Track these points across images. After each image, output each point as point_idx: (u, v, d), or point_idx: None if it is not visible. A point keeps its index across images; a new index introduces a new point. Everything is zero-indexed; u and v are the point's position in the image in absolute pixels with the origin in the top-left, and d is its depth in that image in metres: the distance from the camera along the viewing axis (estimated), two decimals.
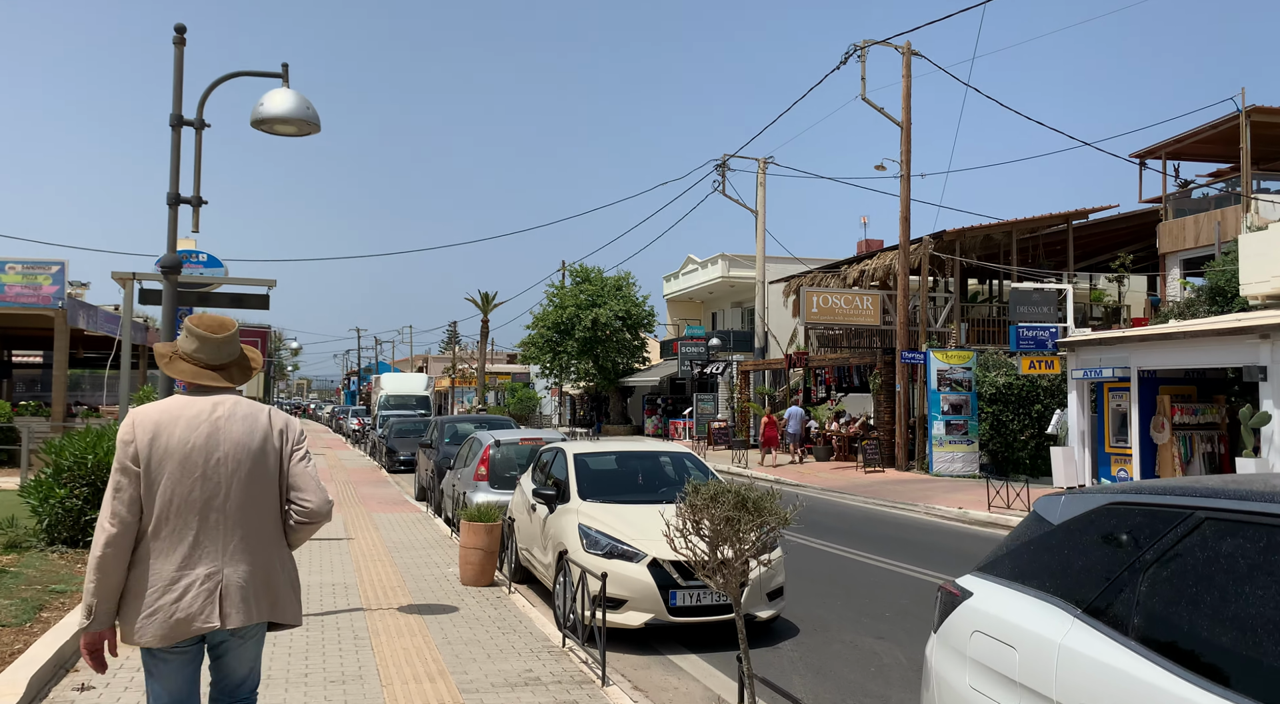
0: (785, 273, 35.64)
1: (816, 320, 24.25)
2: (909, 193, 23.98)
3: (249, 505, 3.34)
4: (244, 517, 3.33)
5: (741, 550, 3.98)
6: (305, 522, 3.42)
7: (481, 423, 18.31)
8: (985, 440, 23.37)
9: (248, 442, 3.36)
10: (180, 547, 3.23)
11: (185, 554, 3.23)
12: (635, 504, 8.02)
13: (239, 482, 3.32)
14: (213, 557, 3.26)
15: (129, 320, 10.79)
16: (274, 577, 3.39)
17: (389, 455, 25.82)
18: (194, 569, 3.23)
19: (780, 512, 4.08)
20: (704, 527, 4.08)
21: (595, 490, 8.29)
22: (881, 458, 23.89)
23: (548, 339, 46.49)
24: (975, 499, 17.56)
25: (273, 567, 3.39)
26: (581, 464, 8.68)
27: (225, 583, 3.26)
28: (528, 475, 10.13)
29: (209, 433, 3.31)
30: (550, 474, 9.18)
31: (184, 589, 3.20)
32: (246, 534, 3.33)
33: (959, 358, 23.45)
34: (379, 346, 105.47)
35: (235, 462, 3.32)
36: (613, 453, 9.21)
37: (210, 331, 3.46)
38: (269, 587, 3.37)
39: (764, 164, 34.52)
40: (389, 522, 14.06)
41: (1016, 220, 25.15)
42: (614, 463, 9.08)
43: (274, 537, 3.42)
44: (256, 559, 3.33)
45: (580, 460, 8.74)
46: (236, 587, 3.27)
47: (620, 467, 9.07)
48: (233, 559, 3.29)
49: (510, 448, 12.63)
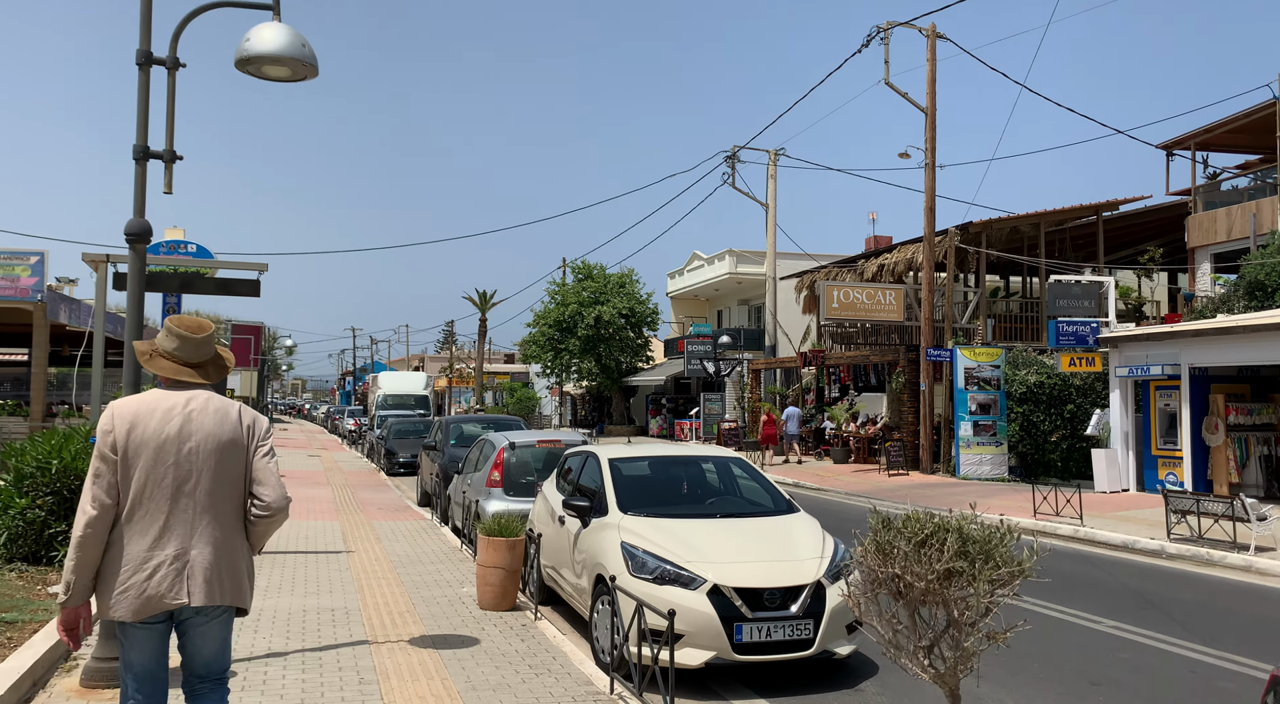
0: (795, 269, 34.52)
1: (837, 316, 23.13)
2: (934, 182, 22.88)
3: (216, 492, 3.55)
4: (212, 502, 3.54)
5: (965, 619, 2.80)
6: (263, 515, 3.59)
7: (489, 423, 17.15)
8: (1014, 442, 22.28)
9: (218, 433, 3.57)
10: (152, 528, 3.45)
11: (156, 536, 3.45)
12: (684, 519, 6.89)
13: (209, 470, 3.53)
14: (181, 538, 3.47)
15: (102, 309, 9.63)
16: (237, 561, 3.59)
17: (388, 457, 24.66)
18: (164, 549, 3.45)
19: (1014, 560, 2.91)
20: (908, 582, 2.87)
21: (636, 502, 7.15)
22: (905, 460, 22.78)
23: (549, 337, 45.33)
24: (1014, 505, 16.45)
25: (236, 551, 3.59)
26: (618, 472, 7.54)
27: (191, 563, 3.47)
28: (550, 483, 9.00)
29: (182, 424, 3.53)
30: (579, 483, 8.04)
31: (154, 568, 3.42)
32: (213, 519, 3.53)
33: (987, 355, 22.36)
34: (374, 346, 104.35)
35: (206, 452, 3.53)
36: (651, 458, 8.05)
37: (190, 332, 3.69)
38: (232, 570, 3.57)
39: (775, 156, 33.41)
40: (391, 531, 12.91)
41: (1044, 212, 24.08)
42: (653, 469, 7.94)
43: (238, 524, 3.63)
44: (221, 542, 3.53)
45: (616, 467, 7.60)
46: (202, 567, 3.47)
47: (661, 474, 7.92)
48: (199, 541, 3.49)
49: (526, 451, 11.49)
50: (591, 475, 7.86)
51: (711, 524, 6.78)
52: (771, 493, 7.55)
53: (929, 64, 23.03)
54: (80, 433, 8.95)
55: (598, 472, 7.66)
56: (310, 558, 10.42)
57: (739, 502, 7.55)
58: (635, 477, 7.62)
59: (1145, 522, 14.42)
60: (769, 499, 7.48)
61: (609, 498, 7.17)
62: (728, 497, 7.68)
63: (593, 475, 7.81)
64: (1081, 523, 13.99)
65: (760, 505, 7.41)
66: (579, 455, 8.50)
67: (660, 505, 7.27)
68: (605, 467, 7.57)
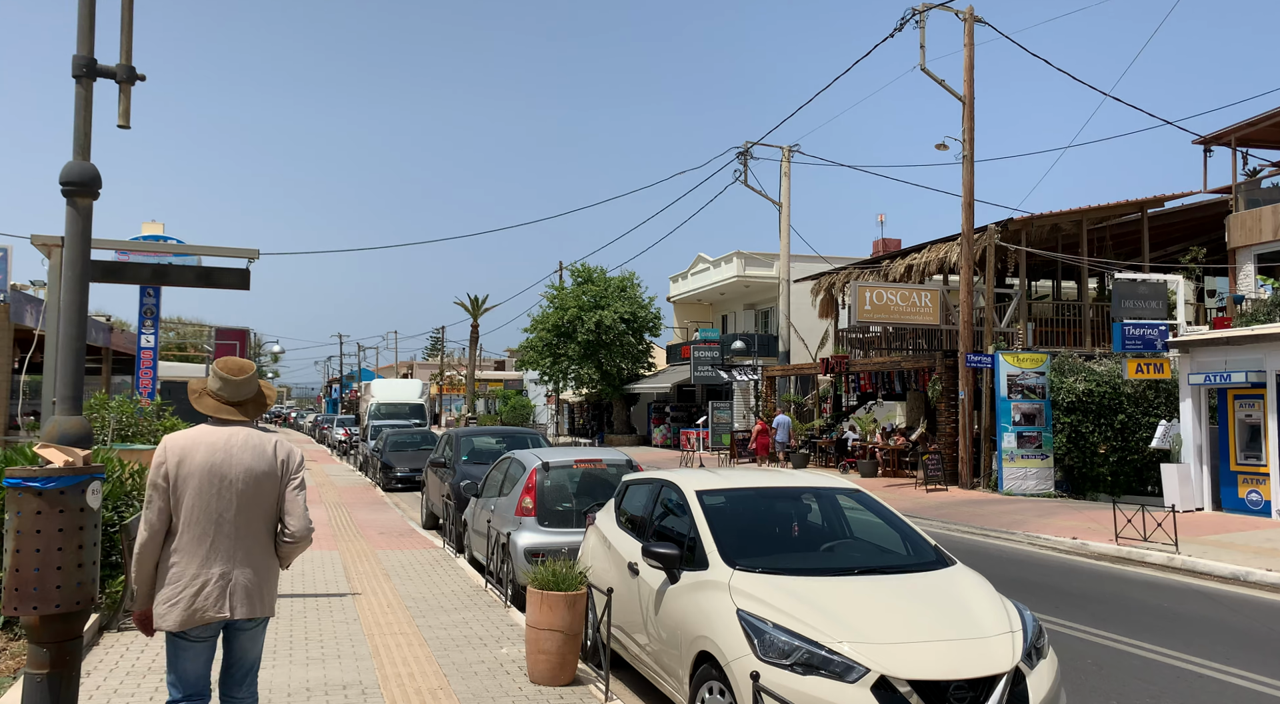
0: (807, 272, 32.95)
1: (870, 319, 21.54)
2: (972, 176, 21.36)
3: (253, 519, 4.03)
4: (250, 527, 4.03)
5: None
6: (289, 542, 4.10)
7: (503, 437, 15.46)
8: (1060, 455, 20.73)
9: (254, 467, 4.03)
10: (200, 550, 3.92)
11: (204, 556, 3.92)
12: (813, 576, 5.23)
13: (246, 499, 4.01)
14: (226, 560, 3.96)
15: (56, 303, 7.93)
16: (271, 577, 4.11)
17: (384, 472, 22.90)
18: (210, 569, 3.93)
19: None
20: None
21: (744, 550, 5.49)
22: (944, 474, 21.19)
23: (547, 343, 43.62)
24: (1081, 527, 14.88)
25: (270, 569, 4.11)
26: (712, 509, 5.87)
27: (234, 582, 3.95)
28: (607, 517, 7.34)
29: (224, 458, 3.98)
30: (657, 522, 6.39)
31: (201, 585, 3.90)
32: (252, 542, 4.03)
33: (1031, 361, 20.82)
34: (362, 352, 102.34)
35: (243, 483, 4.00)
36: (749, 490, 6.33)
37: (231, 374, 4.14)
38: (268, 586, 4.08)
39: (788, 152, 31.87)
40: (400, 563, 11.20)
41: (1087, 208, 22.60)
42: (755, 505, 6.26)
43: (270, 545, 4.12)
44: (258, 563, 4.04)
45: (708, 503, 5.93)
46: (243, 586, 3.97)
47: (765, 512, 6.25)
48: (240, 563, 3.99)
49: (562, 473, 9.83)
50: (674, 512, 6.21)
51: (852, 584, 5.12)
52: (911, 537, 5.89)
53: (966, 49, 21.54)
54: (25, 455, 7.24)
55: (684, 508, 6.00)
56: (311, 604, 8.71)
57: (872, 550, 5.89)
58: (734, 515, 5.96)
59: (1247, 548, 12.86)
60: (908, 545, 5.82)
61: (707, 545, 5.51)
62: (854, 542, 6.02)
63: (676, 513, 6.16)
64: (1176, 550, 12.39)
65: (900, 554, 5.75)
66: (648, 485, 6.85)
67: (772, 554, 5.63)
68: (695, 502, 5.92)
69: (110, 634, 7.23)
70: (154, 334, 18.58)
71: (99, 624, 7.19)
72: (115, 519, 7.76)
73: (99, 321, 23.97)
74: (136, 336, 18.86)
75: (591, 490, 9.84)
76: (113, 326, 25.68)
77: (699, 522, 5.72)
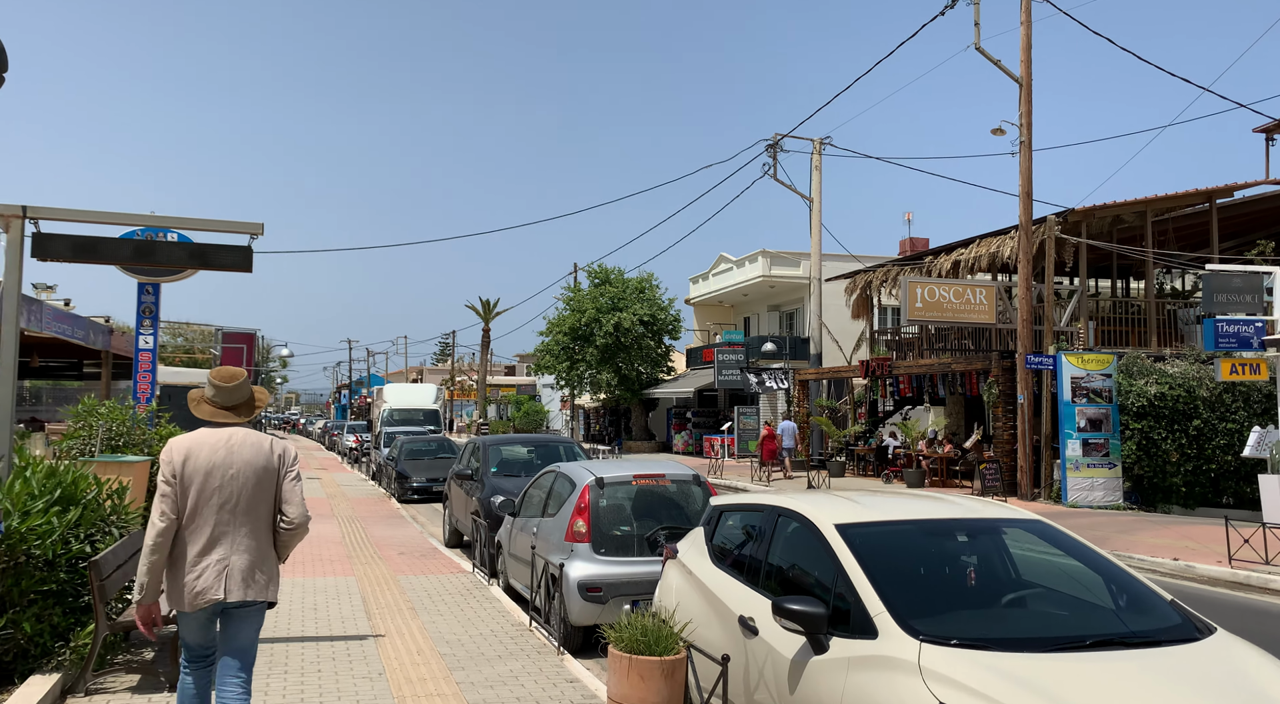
0: (837, 271, 31.45)
1: (921, 317, 20.05)
2: (1030, 163, 19.86)
3: (252, 509, 4.39)
4: (249, 517, 4.38)
5: None
6: (288, 528, 4.45)
7: (534, 445, 13.99)
8: (1129, 463, 19.19)
9: (254, 462, 4.41)
10: (202, 538, 4.27)
11: (205, 544, 4.27)
12: (1035, 653, 3.71)
13: (246, 491, 4.38)
14: (225, 546, 4.30)
15: (15, 284, 6.49)
16: (268, 565, 4.43)
17: (399, 482, 21.47)
18: (210, 555, 4.27)
19: None
20: None
21: (921, 609, 4.01)
22: (1002, 484, 19.67)
23: (564, 346, 42.20)
24: (1178, 546, 13.36)
25: (267, 557, 4.44)
26: (869, 553, 4.38)
27: (231, 567, 4.29)
28: (695, 549, 5.88)
29: (225, 455, 4.37)
30: (774, 563, 4.93)
31: (202, 570, 4.24)
32: (250, 531, 4.37)
33: (1097, 362, 19.29)
34: (371, 358, 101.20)
35: (244, 476, 4.38)
36: (905, 524, 4.81)
37: (224, 382, 4.55)
38: (264, 571, 4.39)
39: (819, 145, 30.38)
40: (426, 592, 9.75)
41: (1152, 198, 21.08)
42: (920, 545, 4.74)
43: (269, 534, 4.47)
44: (255, 550, 4.37)
45: (863, 545, 4.43)
46: (239, 570, 4.30)
47: (928, 552, 4.73)
48: (238, 549, 4.32)
49: (620, 489, 8.36)
50: (803, 552, 4.74)
51: (1095, 665, 3.61)
52: (1133, 588, 4.38)
53: (1023, 28, 20.06)
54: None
55: (820, 548, 4.52)
56: (327, 651, 7.25)
57: (1088, 608, 4.36)
58: (894, 559, 4.46)
59: None
60: (1131, 599, 4.30)
61: (869, 602, 4.03)
62: (1050, 593, 4.52)
63: (807, 553, 4.69)
64: None
65: (1131, 615, 4.23)
66: (756, 513, 5.37)
67: (956, 613, 4.14)
68: (839, 542, 4.43)
69: (77, 699, 5.79)
70: (153, 335, 17.17)
71: (61, 686, 5.75)
72: (86, 552, 6.33)
73: (98, 323, 22.57)
74: (134, 337, 17.51)
75: (653, 511, 8.39)
76: (113, 328, 24.32)
77: (850, 568, 4.24)
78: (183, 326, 72.49)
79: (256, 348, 41.69)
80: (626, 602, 7.67)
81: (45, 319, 19.22)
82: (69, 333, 19.26)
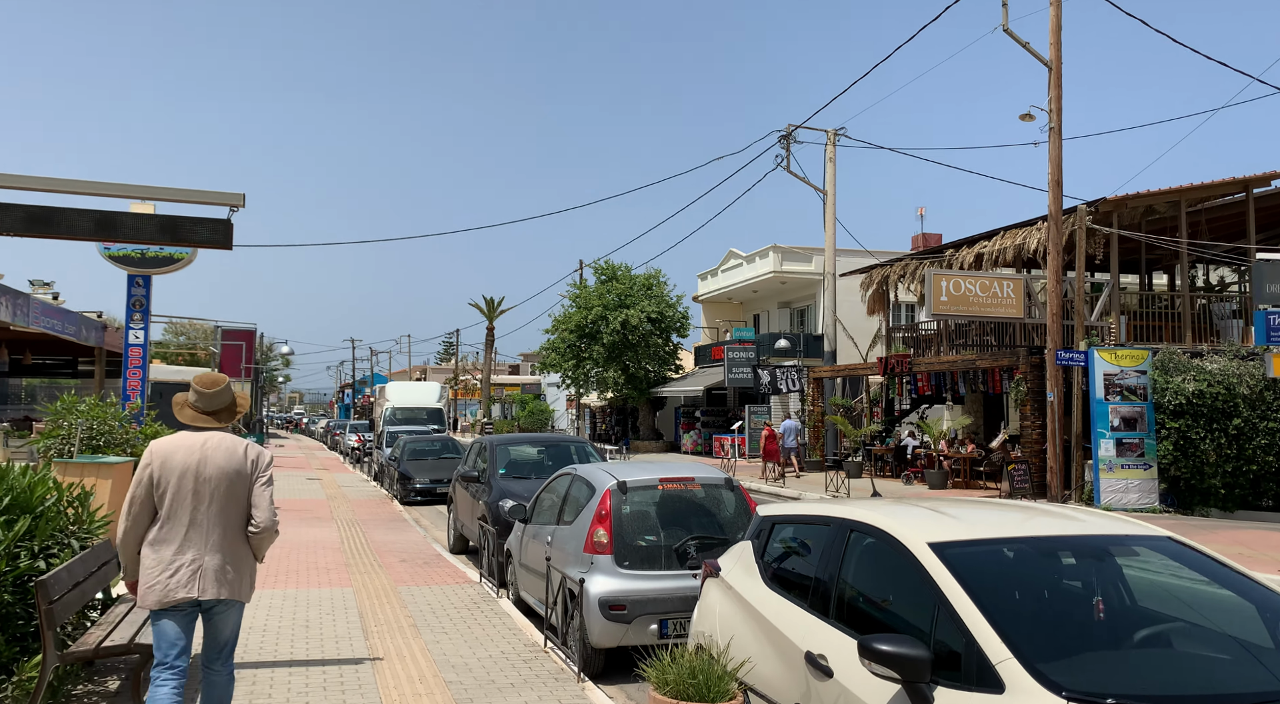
0: (849, 266, 30.59)
1: (946, 311, 19.21)
2: (1060, 150, 19.00)
3: (225, 511, 4.52)
4: (222, 519, 4.51)
5: None
6: (255, 533, 4.57)
7: (545, 445, 13.15)
8: (1165, 464, 18.32)
9: (227, 466, 4.54)
10: (176, 538, 4.43)
11: (178, 544, 4.42)
12: None
13: (219, 494, 4.51)
14: (198, 547, 4.44)
15: None
16: (240, 564, 4.55)
17: (402, 483, 20.66)
18: (184, 555, 4.41)
19: None
20: None
21: (1053, 652, 3.18)
22: (1031, 486, 18.82)
23: (570, 344, 41.38)
24: (1224, 551, 12.53)
25: (240, 557, 4.56)
26: (978, 581, 3.53)
27: (204, 567, 4.42)
28: (740, 566, 5.06)
29: (200, 459, 4.51)
30: (848, 588, 4.09)
31: (175, 569, 4.38)
32: (223, 532, 4.50)
33: (1131, 359, 18.42)
34: (374, 357, 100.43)
35: (216, 480, 4.50)
36: (1019, 545, 3.92)
37: (205, 387, 4.71)
38: (237, 571, 4.53)
39: (833, 136, 29.54)
40: (429, 606, 8.92)
41: (1186, 187, 20.19)
42: (1031, 570, 3.87)
43: (242, 536, 4.59)
44: (227, 551, 4.50)
45: (970, 570, 3.58)
46: (211, 570, 4.43)
47: (1046, 578, 3.85)
48: (211, 550, 4.46)
49: (644, 494, 7.53)
50: (885, 576, 3.91)
51: None
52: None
53: (1053, 8, 19.19)
54: None
55: (911, 574, 3.68)
56: (317, 679, 6.43)
57: (1260, 654, 3.51)
58: (1009, 588, 3.62)
59: None
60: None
61: (987, 646, 3.19)
62: (1195, 629, 3.66)
63: (891, 577, 3.86)
64: None
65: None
66: (822, 527, 4.54)
67: (1092, 655, 3.30)
68: (939, 566, 3.59)
69: None
70: (144, 329, 16.37)
71: None
72: (40, 568, 5.51)
73: (90, 318, 21.79)
74: (124, 332, 16.70)
75: (682, 519, 7.55)
76: (106, 325, 23.52)
77: (957, 600, 3.40)
78: (185, 325, 71.77)
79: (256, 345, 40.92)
80: (653, 621, 6.87)
81: (33, 314, 18.37)
82: (59, 328, 18.40)
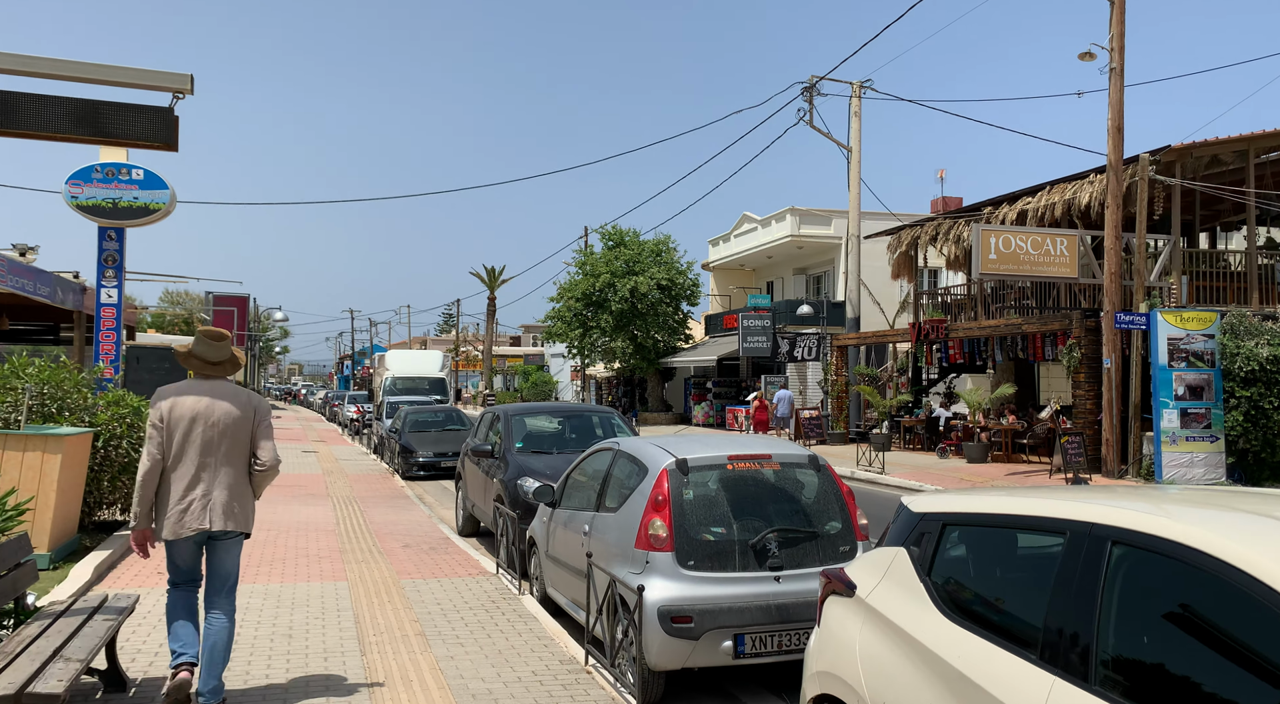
0: (871, 229, 28.89)
1: (994, 270, 17.65)
2: (1121, 94, 17.34)
3: (230, 452, 4.94)
4: (228, 459, 4.93)
5: None
6: (260, 470, 5.04)
7: (566, 414, 11.62)
8: (1234, 436, 16.86)
9: (232, 410, 4.96)
10: (186, 477, 4.84)
11: (189, 482, 4.84)
12: None
13: (225, 436, 4.92)
14: (207, 483, 4.86)
15: None
16: (245, 500, 5.01)
17: (404, 456, 19.20)
18: (194, 491, 4.84)
19: None
20: None
21: None
22: (1085, 460, 17.36)
23: (576, 313, 39.78)
24: None
25: (244, 493, 5.01)
26: None
27: (213, 501, 4.85)
28: (886, 574, 3.57)
29: (207, 404, 4.92)
30: (1111, 635, 2.59)
31: (188, 504, 4.82)
32: (229, 470, 4.93)
33: (1198, 321, 16.88)
34: (374, 328, 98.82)
35: (223, 423, 4.92)
36: None
37: (212, 340, 5.09)
38: (241, 506, 4.97)
39: (859, 88, 27.79)
40: (439, 606, 7.44)
41: (1252, 135, 18.57)
42: None
43: (245, 474, 5.03)
44: (233, 487, 4.94)
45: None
46: (220, 504, 4.87)
47: None
48: (218, 486, 4.88)
49: (709, 475, 6.02)
50: (1209, 627, 2.41)
51: None
52: None
53: None
54: None
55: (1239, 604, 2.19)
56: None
57: None
58: None
59: None
60: None
61: None
62: None
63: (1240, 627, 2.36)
64: None
65: None
66: (1058, 536, 3.04)
67: None
68: None
69: None
70: (117, 287, 14.81)
71: None
72: None
73: (67, 279, 20.20)
74: (96, 291, 15.15)
75: (758, 506, 6.04)
76: (85, 287, 21.91)
77: None
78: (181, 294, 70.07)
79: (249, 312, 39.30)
80: (726, 636, 5.40)
81: (11, 274, 16.67)
82: (30, 289, 16.69)
